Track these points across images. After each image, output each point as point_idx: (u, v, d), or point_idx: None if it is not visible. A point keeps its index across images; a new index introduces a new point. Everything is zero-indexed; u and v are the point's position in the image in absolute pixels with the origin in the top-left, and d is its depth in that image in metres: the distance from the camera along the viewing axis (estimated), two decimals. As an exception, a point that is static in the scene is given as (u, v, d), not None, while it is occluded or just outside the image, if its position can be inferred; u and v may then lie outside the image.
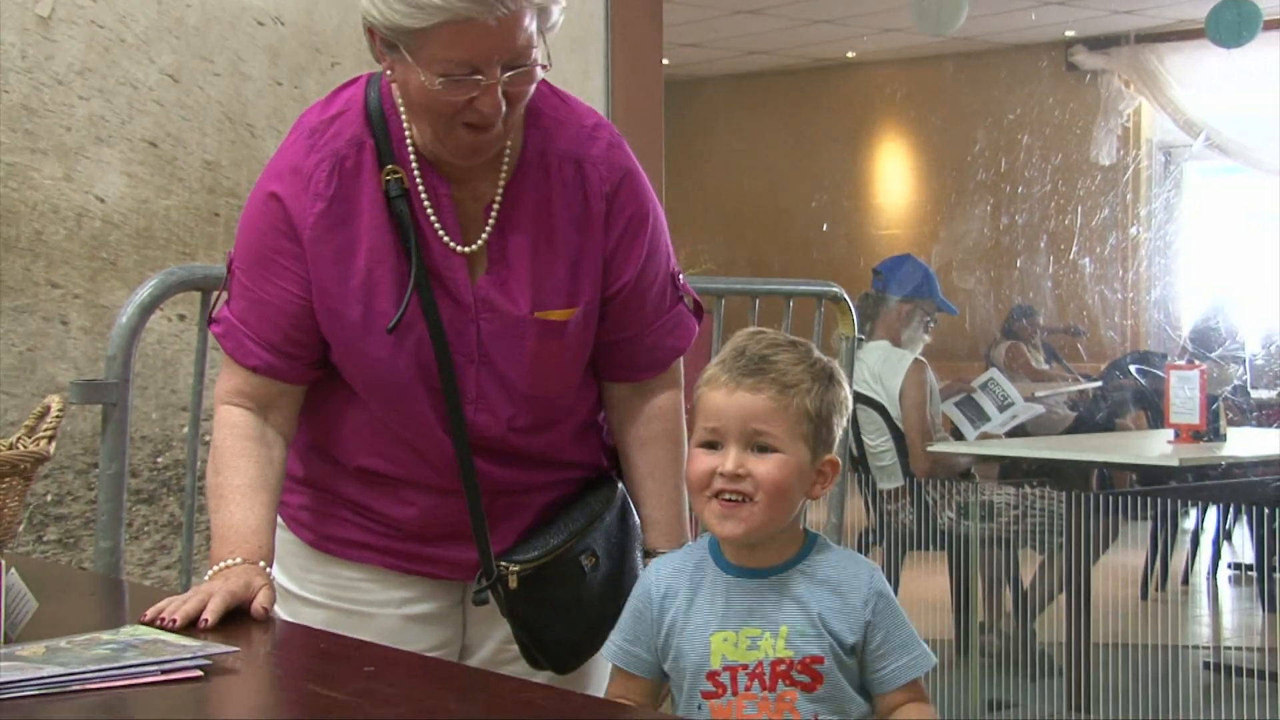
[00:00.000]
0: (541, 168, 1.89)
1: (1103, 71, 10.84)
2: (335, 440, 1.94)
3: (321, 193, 1.84)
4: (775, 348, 1.74)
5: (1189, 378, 4.94)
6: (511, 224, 1.87)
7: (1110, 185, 10.78)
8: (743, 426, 1.69)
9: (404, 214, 1.84)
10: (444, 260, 1.86)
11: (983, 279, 10.52)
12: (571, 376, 1.93)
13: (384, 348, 1.84)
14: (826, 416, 1.72)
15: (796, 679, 1.65)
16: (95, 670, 1.42)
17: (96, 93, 3.62)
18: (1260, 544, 5.66)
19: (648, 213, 1.96)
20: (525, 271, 1.87)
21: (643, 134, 5.36)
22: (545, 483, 1.97)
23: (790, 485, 1.69)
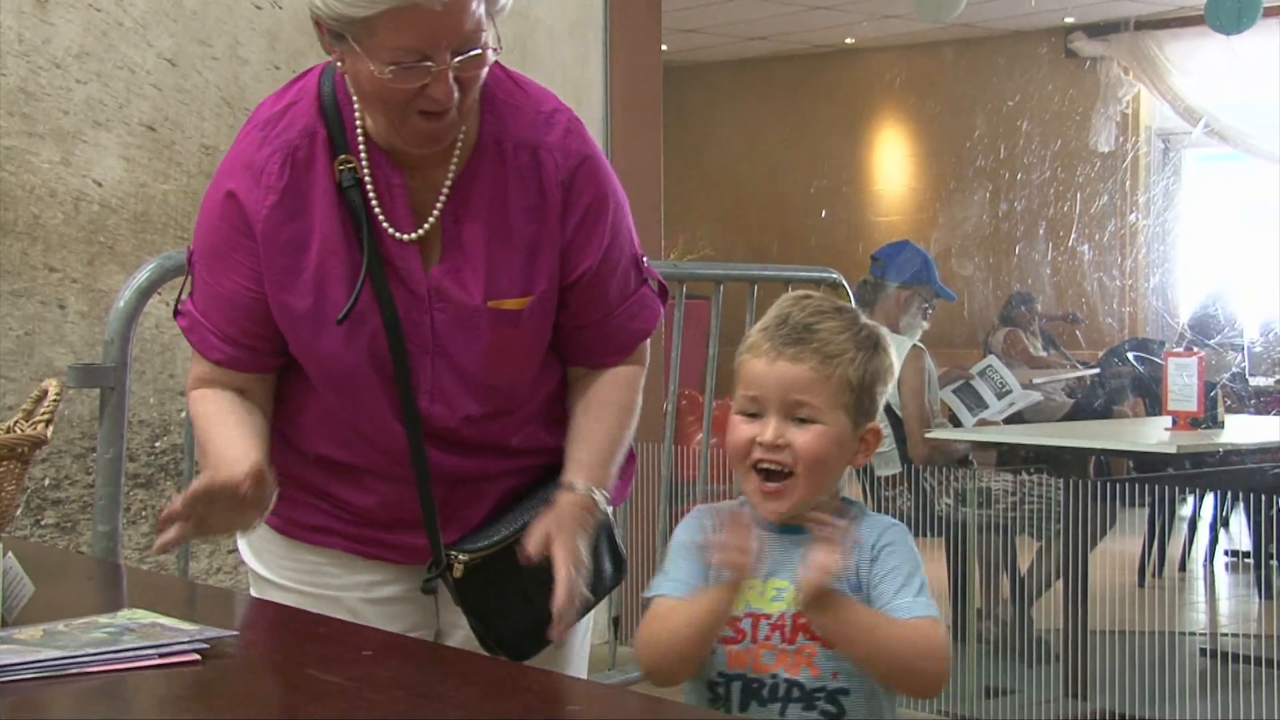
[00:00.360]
0: (497, 154, 1.87)
1: (1102, 58, 10.82)
2: (296, 429, 1.95)
3: (274, 185, 1.83)
4: (819, 315, 1.71)
5: (1187, 365, 4.94)
6: (466, 212, 1.86)
7: (1109, 172, 10.77)
8: (783, 396, 1.68)
9: (356, 204, 1.83)
10: (397, 250, 1.85)
11: (981, 266, 10.52)
12: (528, 365, 1.92)
13: (336, 339, 1.84)
14: (869, 385, 1.70)
15: (817, 633, 1.65)
16: (93, 654, 1.42)
17: (94, 76, 3.62)
18: (1257, 531, 5.67)
19: (607, 197, 1.93)
20: (479, 260, 1.85)
21: (641, 120, 5.35)
22: (503, 471, 1.96)
23: (830, 457, 1.68)
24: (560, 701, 1.46)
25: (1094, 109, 10.71)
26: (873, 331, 1.74)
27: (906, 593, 1.65)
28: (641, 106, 5.28)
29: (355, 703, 1.34)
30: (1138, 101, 10.94)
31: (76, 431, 3.55)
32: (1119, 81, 10.79)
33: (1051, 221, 10.67)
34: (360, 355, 1.85)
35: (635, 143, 5.22)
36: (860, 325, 1.73)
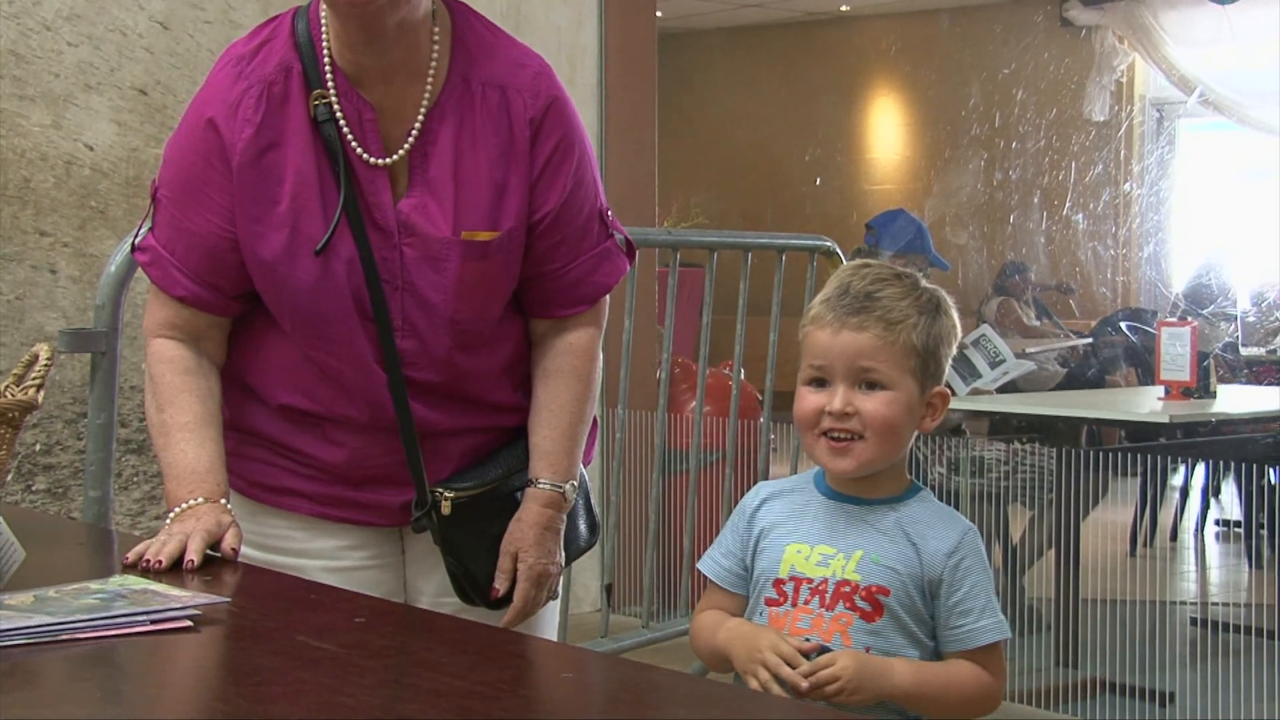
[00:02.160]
0: (465, 93, 1.88)
1: (1097, 27, 10.79)
2: (257, 376, 1.93)
3: (250, 118, 1.83)
4: (880, 283, 1.72)
5: (1180, 334, 4.94)
6: (434, 147, 1.87)
7: (1104, 141, 10.76)
8: (849, 365, 1.69)
9: (331, 137, 1.84)
10: (369, 185, 1.86)
11: (975, 234, 10.51)
12: (495, 303, 1.92)
13: (311, 272, 1.84)
14: (934, 349, 1.71)
15: (858, 604, 1.66)
16: (84, 620, 1.41)
17: (85, 39, 3.59)
18: (1248, 501, 5.68)
19: (574, 142, 1.93)
20: (448, 194, 1.86)
21: (636, 86, 5.34)
22: (470, 427, 1.95)
23: (899, 421, 1.69)
24: (554, 669, 1.46)
25: (1089, 78, 10.69)
26: (933, 295, 1.75)
27: (973, 617, 1.68)
28: (636, 73, 5.26)
29: (347, 670, 1.34)
30: (1133, 71, 10.92)
31: (68, 397, 3.54)
32: (1114, 50, 10.77)
33: (1046, 190, 10.66)
34: (335, 289, 1.84)
35: (630, 110, 5.20)
36: (920, 290, 1.74)
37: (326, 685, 1.29)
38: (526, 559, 1.92)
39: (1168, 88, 10.87)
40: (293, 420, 1.93)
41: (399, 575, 2.00)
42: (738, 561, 1.77)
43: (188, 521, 1.78)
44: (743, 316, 3.96)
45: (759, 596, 1.73)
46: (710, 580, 1.78)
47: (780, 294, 3.98)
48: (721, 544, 1.79)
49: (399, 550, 2.00)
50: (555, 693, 1.39)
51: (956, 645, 1.69)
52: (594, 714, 1.34)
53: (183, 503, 1.82)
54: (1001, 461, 5.01)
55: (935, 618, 1.69)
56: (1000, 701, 1.73)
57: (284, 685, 1.29)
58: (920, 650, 1.68)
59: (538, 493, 1.94)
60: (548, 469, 1.95)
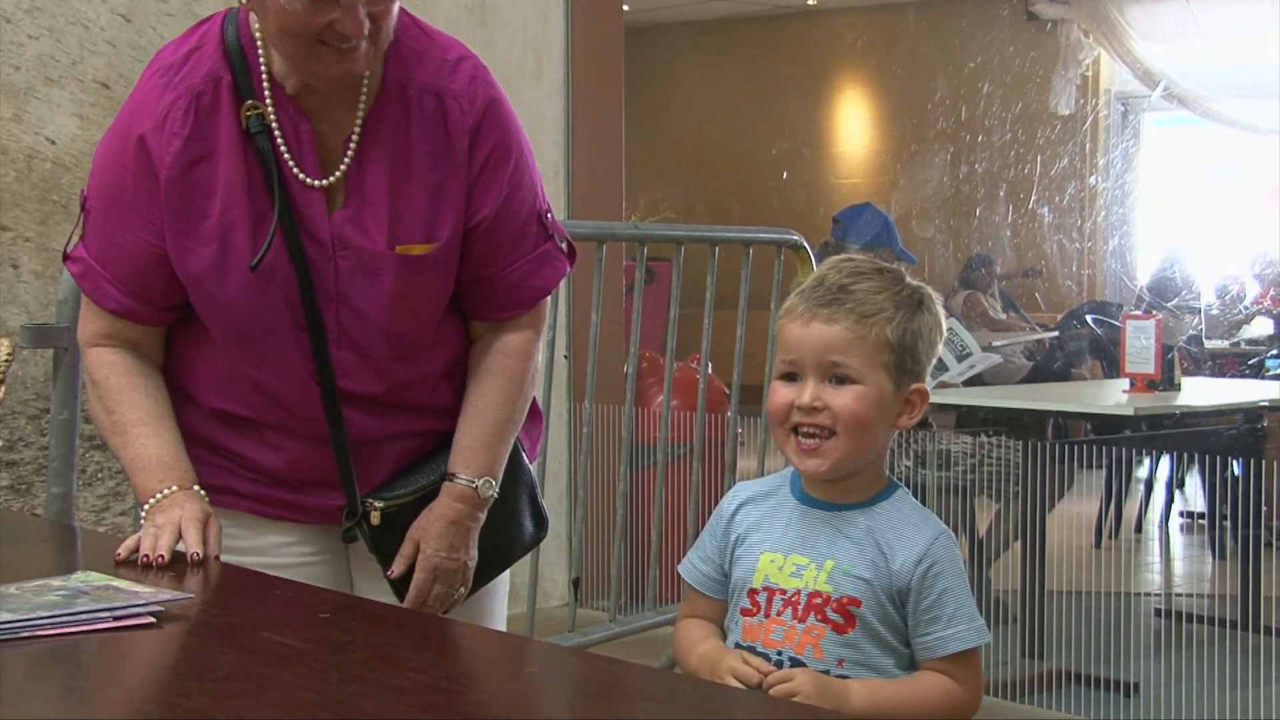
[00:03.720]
0: (402, 100, 1.85)
1: (1062, 21, 10.84)
2: (192, 382, 1.92)
3: (178, 131, 1.80)
4: (856, 276, 1.69)
5: (1145, 327, 4.97)
6: (369, 157, 1.84)
7: (1069, 135, 10.80)
8: (819, 358, 1.66)
9: (265, 150, 1.81)
10: (302, 197, 1.83)
11: (942, 228, 10.55)
12: (431, 314, 1.90)
13: (242, 288, 1.82)
14: (910, 345, 1.67)
15: (830, 616, 1.63)
16: (46, 617, 1.40)
17: (46, 32, 3.56)
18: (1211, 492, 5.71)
19: (510, 146, 1.90)
20: (383, 206, 1.83)
21: (602, 80, 5.33)
22: (411, 431, 1.95)
23: (870, 417, 1.66)
24: (519, 663, 1.46)
25: (1054, 72, 10.73)
26: (915, 291, 1.71)
27: (941, 624, 1.64)
28: (602, 67, 5.25)
29: (312, 665, 1.34)
30: (1098, 65, 10.97)
31: (30, 393, 3.52)
32: (1079, 44, 10.81)
33: (1012, 184, 10.70)
34: (267, 304, 1.83)
35: (596, 104, 5.19)
36: (902, 285, 1.70)
37: (290, 681, 1.29)
38: (426, 549, 1.91)
39: (1132, 82, 10.93)
40: (228, 425, 1.91)
41: (343, 570, 1.99)
42: (716, 567, 1.75)
43: (171, 511, 1.77)
44: (710, 311, 3.96)
45: (735, 605, 1.71)
46: (689, 585, 1.77)
47: (747, 288, 3.99)
48: (700, 548, 1.77)
49: (342, 545, 1.99)
50: (520, 687, 1.39)
51: (926, 654, 1.65)
52: (559, 708, 1.34)
53: (155, 493, 1.80)
54: (968, 454, 5.02)
55: (907, 625, 1.66)
56: (975, 710, 1.67)
57: (247, 681, 1.28)
58: (896, 659, 1.65)
59: (451, 487, 1.93)
60: (463, 464, 1.93)
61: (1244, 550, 4.84)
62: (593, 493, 4.66)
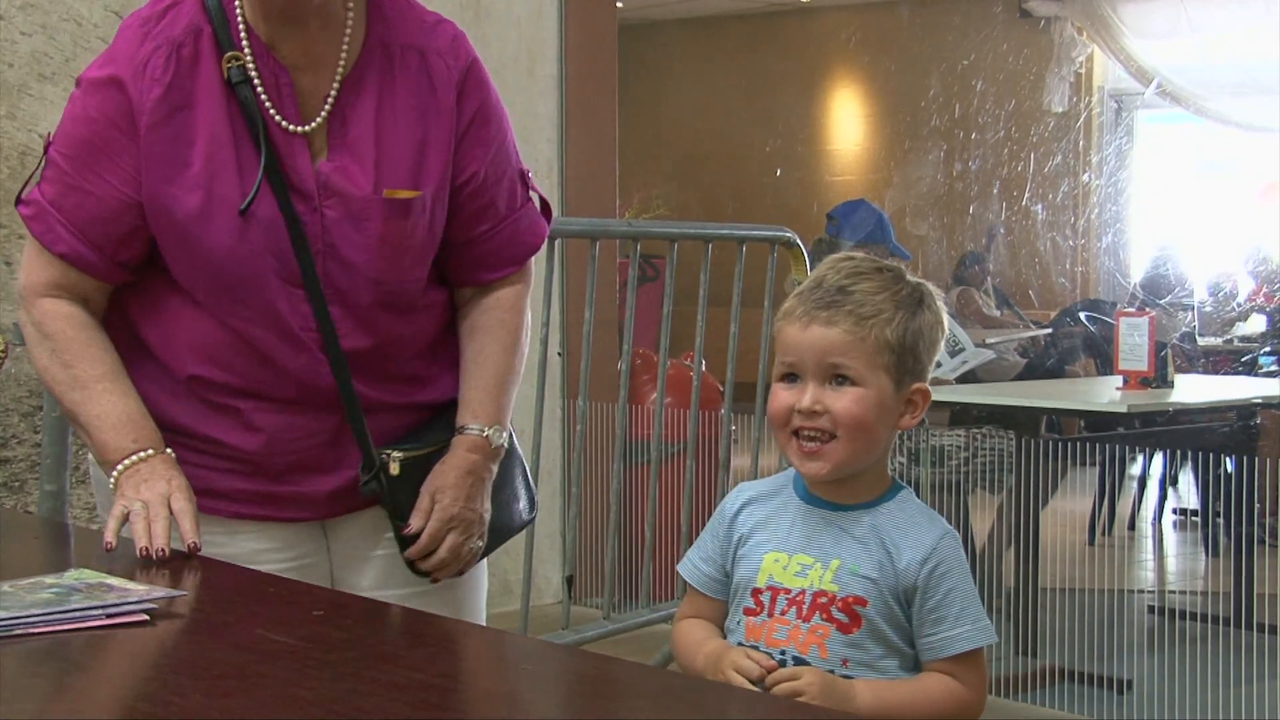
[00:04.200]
0: (385, 57, 1.87)
1: (1056, 18, 10.85)
2: (165, 348, 1.87)
3: (158, 78, 1.80)
4: (855, 277, 1.68)
5: (1138, 325, 4.97)
6: (354, 109, 1.85)
7: (1062, 132, 10.81)
8: (818, 361, 1.65)
9: (247, 99, 1.81)
10: (286, 149, 1.83)
11: (936, 225, 10.55)
12: (419, 264, 1.90)
13: (229, 234, 1.80)
14: (911, 345, 1.67)
15: (835, 616, 1.63)
16: (39, 614, 1.40)
17: (39, 29, 3.56)
18: (1204, 489, 5.73)
19: (493, 106, 1.94)
20: (368, 153, 1.85)
21: (596, 77, 5.33)
22: (405, 404, 1.93)
23: (870, 419, 1.65)
24: (513, 661, 1.46)
25: (1048, 69, 10.74)
26: (916, 289, 1.70)
27: (947, 624, 1.63)
28: (596, 64, 5.25)
29: (305, 663, 1.34)
30: (1091, 62, 10.98)
31: (24, 390, 3.51)
32: (1073, 42, 10.82)
33: (1005, 181, 10.71)
34: (255, 253, 1.81)
35: (590, 101, 5.19)
36: (902, 284, 1.69)
37: (284, 679, 1.29)
38: (443, 500, 1.90)
39: (1126, 79, 10.94)
40: (204, 400, 1.87)
41: (325, 574, 1.96)
42: (717, 567, 1.74)
43: (155, 484, 1.75)
44: (703, 308, 3.96)
45: (738, 605, 1.70)
46: (689, 585, 1.76)
47: (741, 285, 3.98)
48: (701, 548, 1.76)
49: (323, 548, 1.96)
50: (514, 685, 1.39)
51: (931, 654, 1.65)
52: (553, 706, 1.34)
53: (128, 454, 1.79)
54: (961, 448, 5.03)
55: (912, 625, 1.65)
56: (981, 710, 1.67)
57: (241, 679, 1.28)
58: (901, 660, 1.65)
59: (462, 439, 1.93)
60: (471, 415, 1.94)
61: (1237, 547, 4.85)
62: (586, 490, 4.66)
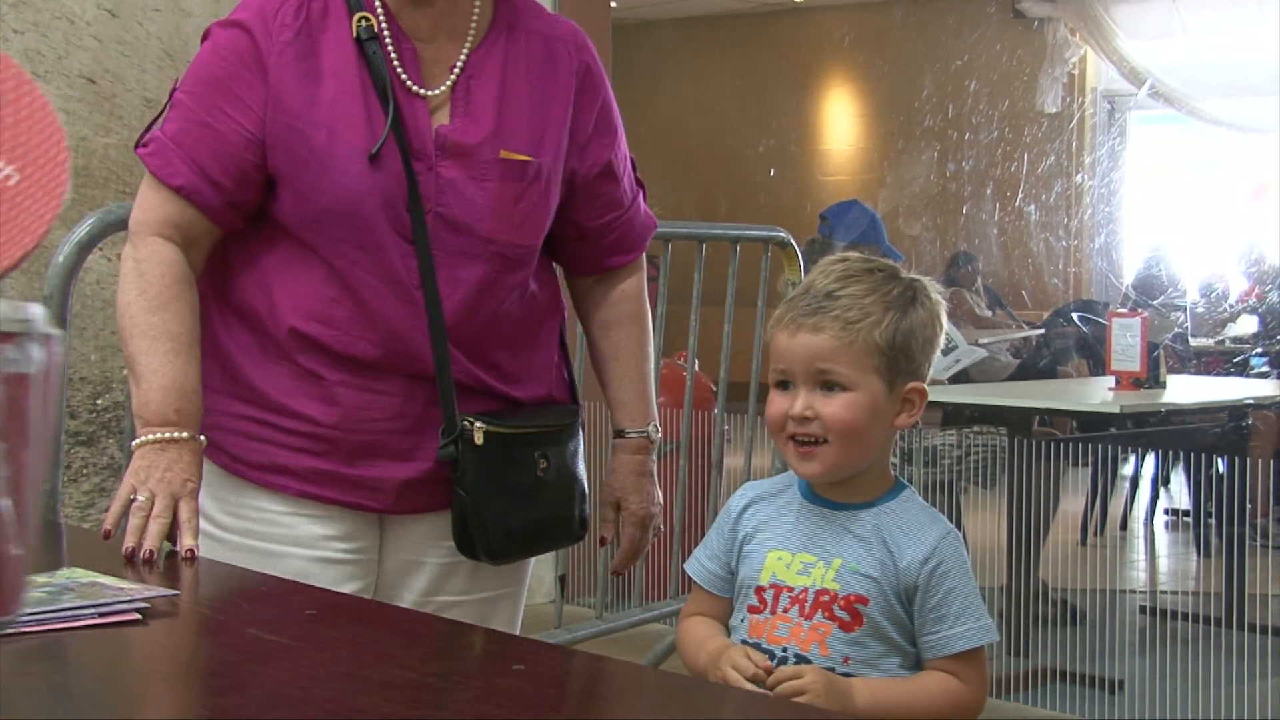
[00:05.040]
0: (511, 38, 1.94)
1: (1049, 19, 10.87)
2: (267, 300, 1.87)
3: (289, 23, 1.85)
4: (845, 280, 1.69)
5: (1131, 325, 4.98)
6: (478, 78, 1.90)
7: (1056, 133, 10.83)
8: (808, 367, 1.66)
9: (376, 56, 1.85)
10: (408, 108, 1.87)
11: (928, 225, 10.57)
12: (532, 231, 1.92)
13: (353, 177, 1.82)
14: (903, 344, 1.67)
15: (836, 614, 1.63)
16: (31, 614, 1.40)
17: (32, 26, 3.55)
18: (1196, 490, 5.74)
19: (612, 98, 2.02)
20: (488, 118, 1.89)
21: (590, 76, 5.33)
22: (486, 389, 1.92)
23: (861, 423, 1.66)
24: (506, 660, 1.46)
25: (1041, 70, 10.76)
26: (909, 287, 1.70)
27: (948, 623, 1.64)
28: (590, 63, 5.25)
29: (298, 662, 1.33)
30: (1084, 63, 11.00)
31: (16, 388, 3.51)
32: (1066, 43, 10.84)
33: (999, 181, 10.72)
34: (376, 199, 1.83)
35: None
36: (893, 283, 1.69)
37: (277, 678, 1.28)
38: (629, 505, 2.03)
39: (1119, 80, 10.96)
40: (293, 364, 1.86)
41: (373, 571, 1.95)
42: (723, 565, 1.76)
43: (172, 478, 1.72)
44: (697, 308, 3.96)
45: (742, 603, 1.71)
46: (696, 583, 1.78)
47: (734, 285, 3.99)
48: (707, 546, 1.78)
49: (378, 546, 1.95)
50: (507, 684, 1.39)
51: (931, 653, 1.65)
52: (546, 706, 1.34)
53: (165, 424, 1.76)
54: (954, 446, 5.03)
55: (913, 624, 1.66)
56: (981, 709, 1.67)
57: (234, 678, 1.28)
58: (902, 658, 1.65)
59: (626, 442, 2.05)
60: (629, 419, 2.06)
61: (1228, 548, 4.85)
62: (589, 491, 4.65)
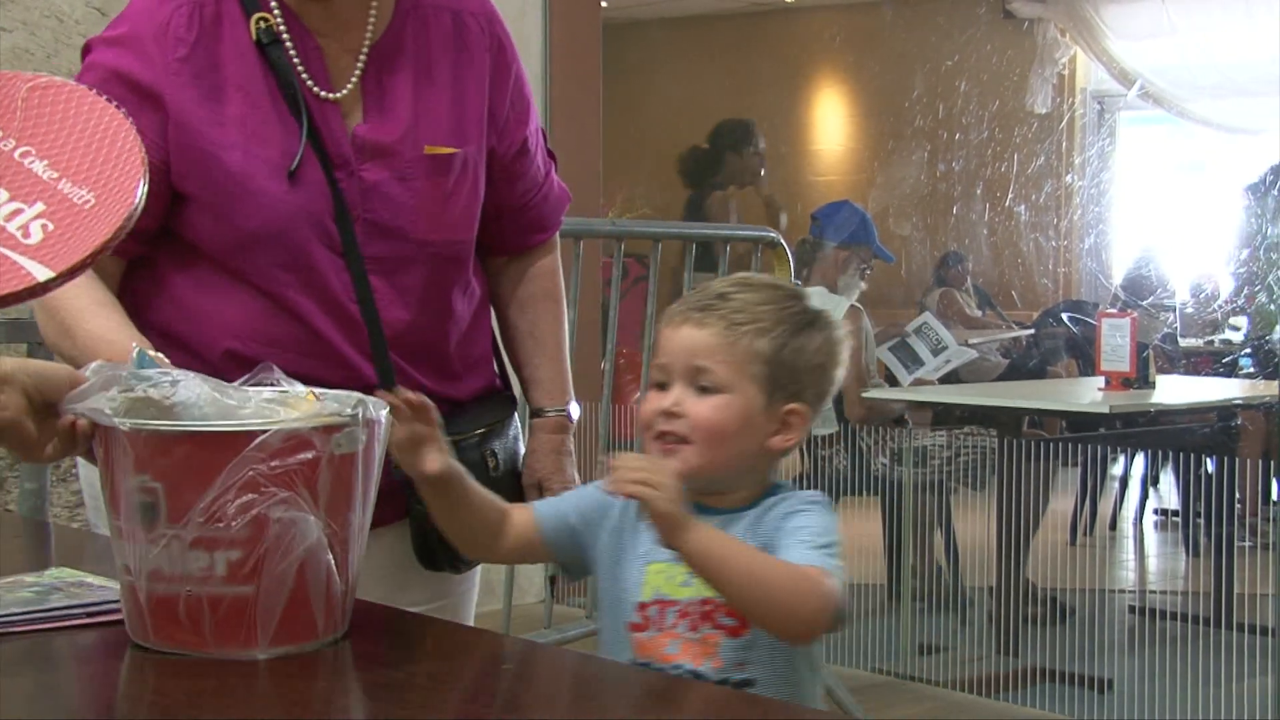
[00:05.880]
0: (418, 18, 1.85)
1: (1039, 19, 10.87)
2: (198, 322, 1.79)
3: (183, 37, 1.76)
4: (743, 286, 1.62)
5: (1120, 325, 4.99)
6: (389, 73, 1.83)
7: (1046, 133, 10.84)
8: (686, 362, 1.57)
9: (279, 61, 1.77)
10: (319, 114, 1.79)
11: (919, 226, 10.57)
12: (465, 225, 1.87)
13: (272, 196, 1.75)
14: (789, 361, 1.57)
15: (721, 622, 1.54)
16: (19, 613, 1.40)
17: (20, 25, 3.54)
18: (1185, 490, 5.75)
19: (523, 70, 1.97)
20: (405, 114, 1.82)
21: (580, 76, 5.32)
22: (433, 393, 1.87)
23: (729, 429, 1.56)
24: (495, 659, 1.46)
25: (1031, 70, 10.76)
26: (811, 313, 1.61)
27: (803, 547, 1.50)
28: (580, 63, 5.25)
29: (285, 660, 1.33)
30: (1074, 63, 11.00)
31: (4, 388, 3.50)
32: (1056, 43, 10.85)
33: (989, 182, 10.73)
34: (300, 215, 1.76)
35: (574, 99, 5.19)
36: (794, 303, 1.61)
37: (266, 678, 1.28)
38: (552, 486, 1.96)
39: (1108, 81, 10.97)
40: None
41: None
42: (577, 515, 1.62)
43: None
44: (687, 307, 3.96)
45: (618, 620, 1.59)
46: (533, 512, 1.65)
47: (724, 285, 3.99)
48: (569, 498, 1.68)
49: None
50: (496, 684, 1.39)
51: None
52: (536, 705, 1.34)
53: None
54: (944, 446, 5.04)
55: None
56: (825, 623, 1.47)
57: (220, 679, 1.28)
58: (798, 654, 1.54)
59: (545, 421, 2.00)
60: (547, 397, 2.01)
61: (1217, 547, 4.86)
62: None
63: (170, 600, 1.30)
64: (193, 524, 1.28)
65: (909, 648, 4.62)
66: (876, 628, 4.74)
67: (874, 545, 5.06)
